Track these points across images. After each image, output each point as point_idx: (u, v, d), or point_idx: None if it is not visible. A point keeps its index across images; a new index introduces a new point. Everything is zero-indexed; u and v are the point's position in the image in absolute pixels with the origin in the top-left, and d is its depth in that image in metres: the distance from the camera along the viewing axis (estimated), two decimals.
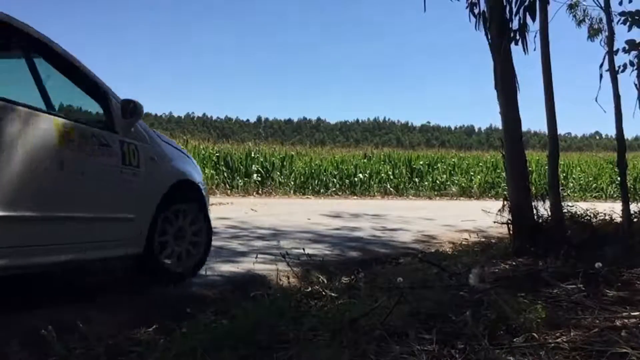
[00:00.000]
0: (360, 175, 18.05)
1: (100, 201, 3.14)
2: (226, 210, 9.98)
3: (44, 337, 2.37)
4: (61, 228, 2.91)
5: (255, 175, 16.42)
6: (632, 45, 5.17)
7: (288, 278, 3.77)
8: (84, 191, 3.02)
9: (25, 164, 2.63)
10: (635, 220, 5.50)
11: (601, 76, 5.47)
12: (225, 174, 16.24)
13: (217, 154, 16.77)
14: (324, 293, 3.25)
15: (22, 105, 2.68)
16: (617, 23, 5.45)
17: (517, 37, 4.94)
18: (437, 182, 19.23)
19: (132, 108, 3.29)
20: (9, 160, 2.56)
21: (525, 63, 5.70)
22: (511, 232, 4.92)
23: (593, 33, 7.63)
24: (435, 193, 18.60)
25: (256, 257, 4.30)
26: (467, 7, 5.23)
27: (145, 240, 3.37)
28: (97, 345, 2.51)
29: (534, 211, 4.89)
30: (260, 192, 15.83)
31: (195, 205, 3.85)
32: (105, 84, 3.29)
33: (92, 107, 3.31)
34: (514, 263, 4.19)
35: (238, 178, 16.23)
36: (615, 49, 5.43)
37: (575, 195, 18.80)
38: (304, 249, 4.08)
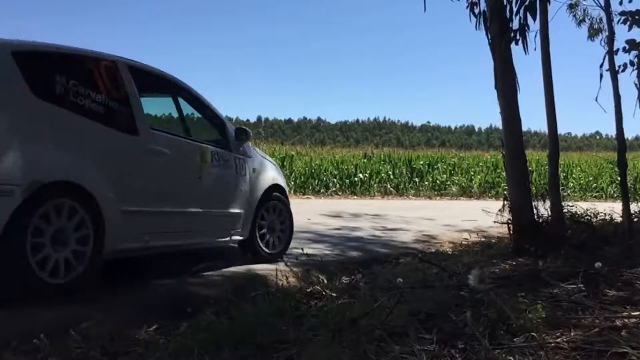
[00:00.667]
0: (361, 175, 18.02)
1: (223, 201, 4.34)
2: None
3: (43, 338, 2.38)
4: (199, 220, 4.14)
5: None
6: (632, 45, 5.16)
7: (287, 278, 3.77)
8: (214, 194, 4.26)
9: (184, 175, 4.00)
10: (635, 220, 5.50)
11: (601, 76, 5.47)
12: None
13: None
14: (324, 293, 3.25)
15: (177, 135, 4.09)
16: (617, 23, 5.44)
17: (518, 36, 4.94)
18: (437, 182, 19.20)
19: (242, 133, 4.53)
20: (175, 173, 3.90)
21: (525, 63, 5.70)
22: (511, 232, 4.92)
23: (593, 33, 7.62)
24: (436, 193, 18.56)
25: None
26: (467, 7, 5.23)
27: (249, 229, 4.53)
28: (97, 345, 2.51)
29: (534, 211, 4.89)
30: None
31: (282, 203, 4.95)
32: (223, 115, 4.59)
33: (216, 132, 4.54)
34: (514, 263, 4.19)
35: None
36: (615, 48, 5.43)
37: (576, 195, 18.76)
38: (303, 249, 4.08)
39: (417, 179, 19.04)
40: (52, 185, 3.04)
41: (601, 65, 5.47)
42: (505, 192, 5.96)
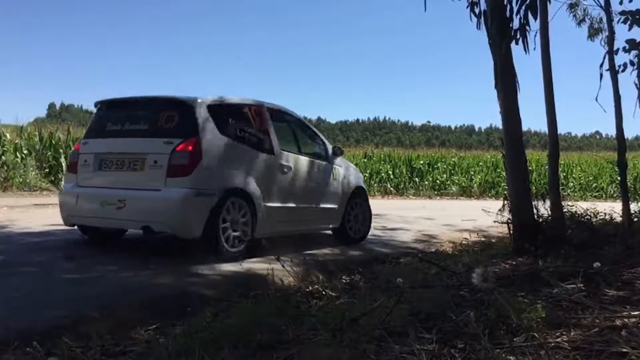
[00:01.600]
0: None
1: (324, 199, 5.98)
2: None
3: (42, 337, 2.38)
4: (310, 213, 5.80)
5: None
6: (632, 44, 5.16)
7: (287, 278, 3.76)
8: (319, 194, 5.90)
9: (300, 181, 5.63)
10: (635, 219, 5.50)
11: (601, 76, 5.47)
12: None
13: None
14: (324, 292, 3.25)
15: (295, 153, 5.70)
16: (618, 22, 5.45)
17: (518, 36, 4.92)
18: (437, 181, 19.21)
19: (337, 150, 6.31)
20: (295, 180, 5.52)
21: (526, 63, 5.70)
22: (511, 231, 4.91)
23: (593, 33, 7.61)
24: (436, 192, 18.57)
25: (254, 257, 4.31)
26: (467, 7, 5.22)
27: (340, 219, 6.16)
28: (96, 344, 2.52)
29: (534, 211, 4.88)
30: None
31: (363, 200, 6.58)
32: (323, 137, 6.30)
33: (318, 149, 6.19)
34: (514, 263, 4.19)
35: None
36: (615, 48, 5.44)
37: (576, 194, 18.77)
38: (303, 249, 4.08)
39: (417, 179, 19.04)
40: (232, 190, 4.77)
41: (601, 65, 5.48)
42: (505, 192, 5.96)
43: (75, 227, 5.14)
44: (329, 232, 6.26)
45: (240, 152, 4.95)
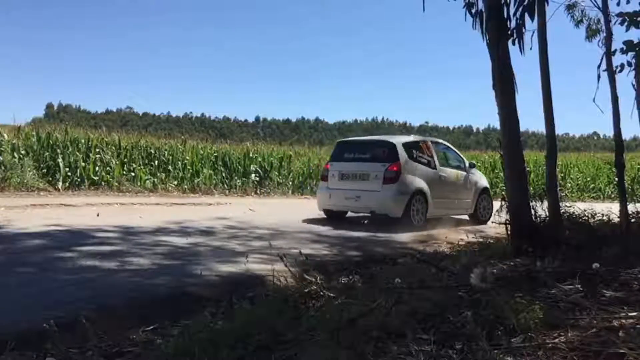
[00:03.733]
0: None
1: (464, 195, 9.54)
2: (225, 210, 9.96)
3: (40, 338, 2.37)
4: (456, 204, 9.44)
5: (253, 175, 16.37)
6: (629, 45, 5.16)
7: (286, 278, 3.76)
8: (461, 192, 9.50)
9: (450, 184, 9.26)
10: (632, 220, 5.51)
11: (599, 77, 5.48)
12: (224, 174, 16.19)
13: (215, 154, 16.68)
14: (322, 293, 3.25)
15: (447, 166, 9.45)
16: (615, 24, 5.46)
17: (515, 36, 4.92)
18: None
19: (471, 164, 9.96)
20: (447, 184, 9.19)
21: (524, 63, 5.70)
22: (509, 232, 4.92)
23: (591, 34, 7.63)
24: None
25: (252, 258, 4.31)
26: (464, 7, 5.22)
27: (473, 208, 9.65)
28: (95, 345, 2.51)
29: (532, 211, 4.89)
30: (258, 192, 15.77)
31: (487, 196, 9.99)
32: (463, 156, 10.18)
33: (459, 163, 9.84)
34: (512, 263, 4.19)
35: (236, 178, 16.17)
36: (613, 49, 5.44)
37: (573, 195, 18.79)
38: (301, 249, 4.07)
39: None
40: (416, 191, 8.36)
41: (599, 66, 5.48)
42: (503, 193, 5.97)
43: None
44: (466, 217, 9.52)
45: (419, 169, 8.56)
